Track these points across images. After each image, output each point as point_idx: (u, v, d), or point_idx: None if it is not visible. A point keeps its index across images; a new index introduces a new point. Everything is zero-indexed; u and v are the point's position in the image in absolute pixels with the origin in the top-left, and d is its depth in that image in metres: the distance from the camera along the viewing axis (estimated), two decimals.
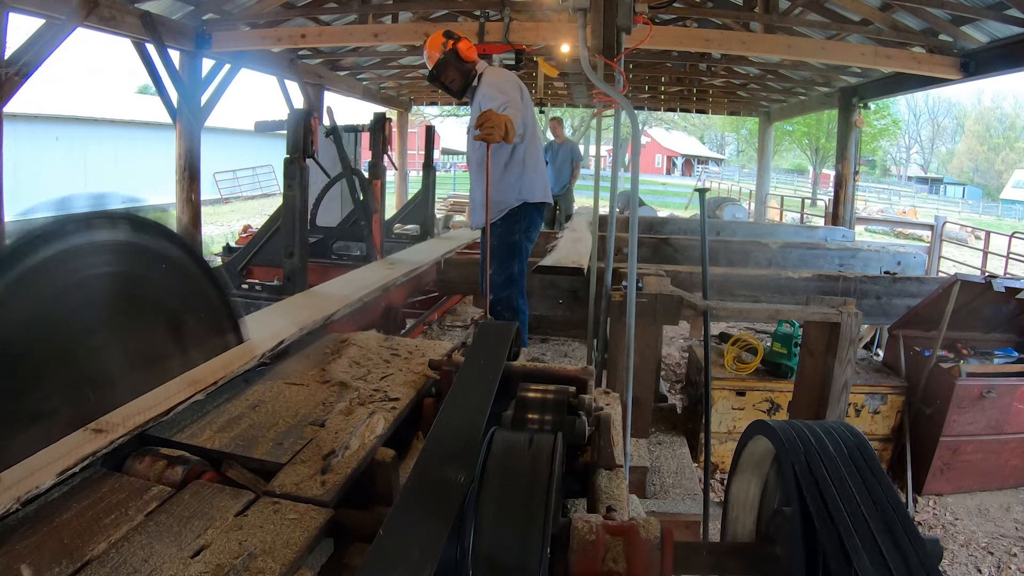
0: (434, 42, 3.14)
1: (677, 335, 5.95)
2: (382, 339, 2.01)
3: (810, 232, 7.52)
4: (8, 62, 4.07)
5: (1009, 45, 5.01)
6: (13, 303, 1.16)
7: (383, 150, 4.97)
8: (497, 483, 0.90)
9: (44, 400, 1.20)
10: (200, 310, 1.60)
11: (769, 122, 11.68)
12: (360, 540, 1.10)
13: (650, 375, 3.02)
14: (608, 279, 3.04)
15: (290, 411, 1.42)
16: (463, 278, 4.40)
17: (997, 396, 3.48)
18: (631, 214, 2.42)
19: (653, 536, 0.88)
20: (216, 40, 5.92)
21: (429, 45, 3.17)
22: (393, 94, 11.92)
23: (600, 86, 2.40)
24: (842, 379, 2.71)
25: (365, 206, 4.68)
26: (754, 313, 3.60)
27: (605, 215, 3.46)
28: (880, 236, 15.69)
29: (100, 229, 1.33)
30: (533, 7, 5.94)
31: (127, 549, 0.93)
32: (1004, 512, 3.47)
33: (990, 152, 44.60)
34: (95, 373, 1.30)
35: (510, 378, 1.42)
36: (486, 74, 3.16)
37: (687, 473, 2.94)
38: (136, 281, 1.42)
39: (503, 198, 3.13)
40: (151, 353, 1.44)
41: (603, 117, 4.06)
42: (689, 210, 20.08)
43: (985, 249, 8.96)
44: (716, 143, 49.91)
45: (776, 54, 6.27)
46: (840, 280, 4.03)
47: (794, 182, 35.83)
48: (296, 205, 3.52)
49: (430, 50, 3.16)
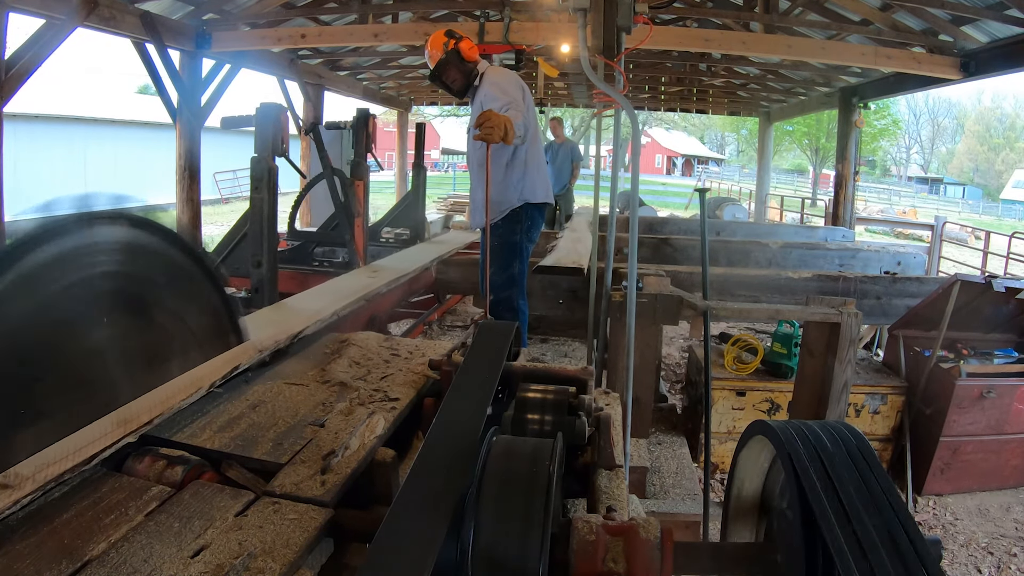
0: (436, 41, 3.14)
1: (677, 335, 5.95)
2: (382, 339, 2.01)
3: (810, 232, 7.52)
4: (8, 62, 4.07)
5: (1009, 45, 5.01)
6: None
7: (366, 148, 4.82)
8: (497, 483, 0.90)
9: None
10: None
11: (769, 122, 11.68)
12: (360, 540, 1.10)
13: (650, 375, 3.02)
14: (608, 279, 3.04)
15: (290, 411, 1.43)
16: (463, 278, 4.39)
17: (997, 396, 3.48)
18: (631, 214, 2.42)
19: (653, 536, 0.88)
20: (216, 40, 5.91)
21: (431, 44, 3.16)
22: (393, 94, 11.92)
23: (600, 86, 2.40)
24: (842, 379, 2.71)
25: (347, 209, 4.49)
26: (754, 313, 3.60)
27: (605, 215, 3.46)
28: (880, 236, 15.69)
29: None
30: (533, 7, 5.94)
31: (127, 549, 0.93)
32: (1004, 512, 3.47)
33: (990, 152, 44.61)
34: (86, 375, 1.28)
35: (510, 378, 1.42)
36: (488, 74, 3.15)
37: (687, 473, 2.94)
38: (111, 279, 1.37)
39: (504, 198, 3.13)
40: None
41: (603, 117, 4.06)
42: (689, 210, 20.09)
43: (985, 249, 8.97)
44: (716, 143, 49.92)
45: (776, 54, 6.27)
46: (840, 280, 4.03)
47: (794, 182, 35.84)
48: (264, 209, 3.23)
49: (432, 49, 3.15)
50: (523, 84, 3.19)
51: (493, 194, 3.05)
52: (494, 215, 3.09)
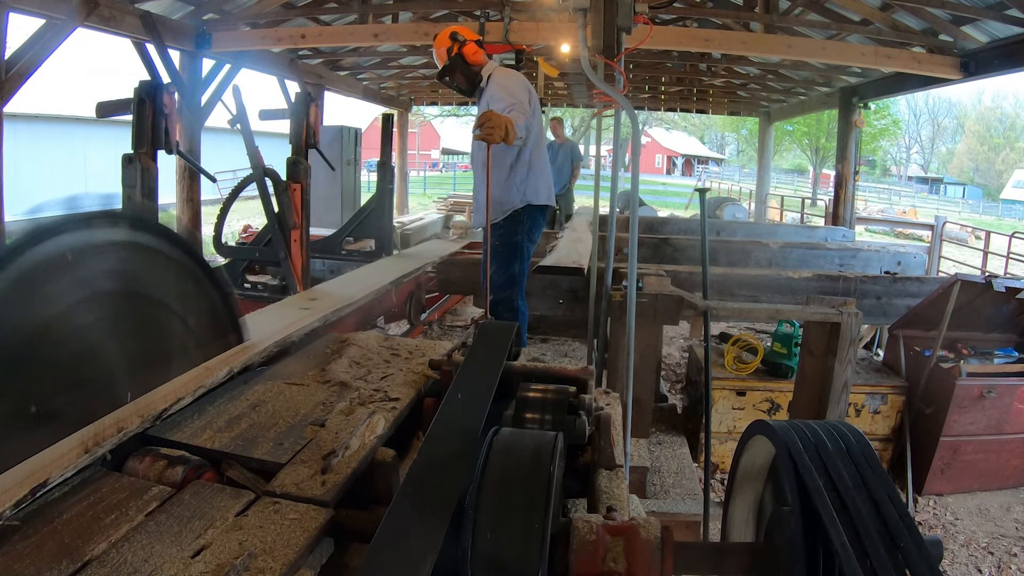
0: (441, 42, 3.14)
1: (677, 335, 5.95)
2: (382, 339, 2.01)
3: (810, 232, 7.51)
4: (8, 62, 4.07)
5: (1009, 45, 5.01)
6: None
7: (308, 143, 4.00)
8: (497, 483, 0.90)
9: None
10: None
11: (769, 122, 11.68)
12: (360, 540, 1.10)
13: (650, 375, 3.02)
14: (608, 279, 3.04)
15: (290, 411, 1.42)
16: (463, 278, 4.38)
17: (997, 396, 3.47)
18: (631, 214, 2.42)
19: (653, 536, 0.88)
20: (216, 40, 5.91)
21: (437, 44, 3.17)
22: (393, 94, 11.92)
23: (600, 86, 2.40)
24: (842, 379, 2.71)
25: (280, 219, 3.62)
26: (754, 313, 3.60)
27: (605, 215, 3.46)
28: (880, 236, 15.69)
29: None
30: (533, 7, 5.94)
31: (127, 549, 0.93)
32: (1004, 512, 3.47)
33: (990, 152, 44.59)
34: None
35: (510, 378, 1.42)
36: (496, 75, 3.14)
37: (687, 473, 2.94)
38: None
39: (507, 199, 3.13)
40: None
41: (603, 117, 4.06)
42: (689, 210, 20.07)
43: (985, 249, 8.96)
44: (716, 143, 49.90)
45: (776, 54, 6.27)
46: (840, 280, 4.03)
47: (794, 182, 35.83)
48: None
49: (438, 49, 3.16)
50: (530, 86, 3.17)
51: (496, 194, 3.05)
52: (496, 215, 3.09)
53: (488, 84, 3.13)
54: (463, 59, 3.10)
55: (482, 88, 3.16)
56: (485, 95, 3.12)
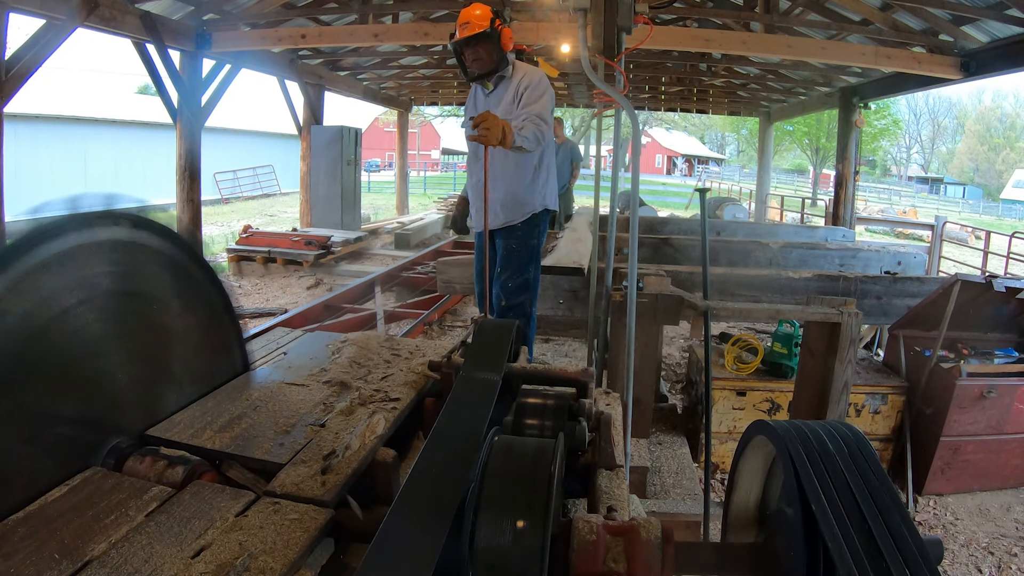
0: (484, 14, 2.94)
1: (677, 335, 5.95)
2: (382, 339, 2.01)
3: (810, 232, 7.51)
4: (8, 62, 4.07)
5: (1009, 45, 5.01)
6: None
7: None
8: (497, 483, 0.90)
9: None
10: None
11: (769, 122, 11.69)
12: (360, 540, 1.09)
13: (650, 375, 3.02)
14: (608, 279, 3.04)
15: (290, 411, 1.42)
16: (463, 278, 4.37)
17: (997, 396, 3.47)
18: (631, 214, 2.41)
19: (654, 536, 0.88)
20: (216, 40, 5.92)
21: (474, 15, 2.95)
22: (393, 94, 11.92)
23: (600, 86, 2.40)
24: (842, 379, 2.71)
25: None
26: (754, 313, 3.59)
27: (605, 215, 3.46)
28: (880, 236, 15.70)
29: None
30: (533, 7, 5.95)
31: (127, 549, 0.93)
32: (1004, 512, 3.47)
33: (990, 152, 44.61)
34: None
35: (510, 380, 1.42)
36: (527, 71, 3.03)
37: (687, 473, 2.94)
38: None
39: (529, 200, 3.07)
40: None
41: (603, 117, 4.06)
42: (689, 210, 20.09)
43: (985, 249, 8.96)
44: (716, 143, 49.92)
45: (776, 54, 6.27)
46: (840, 280, 4.03)
47: (794, 182, 35.85)
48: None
49: (474, 19, 2.94)
50: (552, 91, 3.08)
51: (518, 194, 3.03)
52: (516, 216, 3.06)
53: (513, 76, 3.02)
54: (500, 38, 2.96)
55: (502, 76, 3.04)
56: (508, 85, 3.01)
